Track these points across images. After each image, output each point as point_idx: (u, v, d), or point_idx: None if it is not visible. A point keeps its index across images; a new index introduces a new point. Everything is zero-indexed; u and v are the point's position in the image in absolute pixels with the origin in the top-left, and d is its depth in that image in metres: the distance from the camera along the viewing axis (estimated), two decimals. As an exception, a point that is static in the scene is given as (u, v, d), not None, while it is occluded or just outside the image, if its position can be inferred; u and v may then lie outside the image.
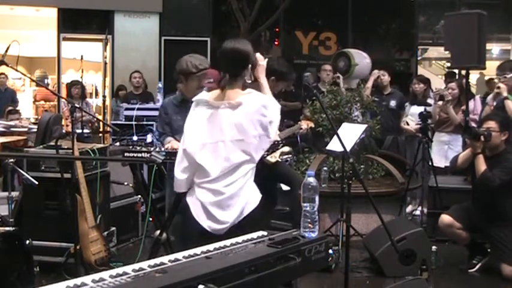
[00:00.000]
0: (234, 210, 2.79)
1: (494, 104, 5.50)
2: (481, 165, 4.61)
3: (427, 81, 7.27)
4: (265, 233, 2.38)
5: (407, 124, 6.89)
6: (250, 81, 2.94)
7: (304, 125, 5.14)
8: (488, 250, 4.84)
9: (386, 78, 7.28)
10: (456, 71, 8.12)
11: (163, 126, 4.11)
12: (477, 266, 4.79)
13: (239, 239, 2.28)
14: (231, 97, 2.82)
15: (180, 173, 2.90)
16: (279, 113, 2.89)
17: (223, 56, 2.89)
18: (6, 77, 10.59)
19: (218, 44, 11.45)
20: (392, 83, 7.54)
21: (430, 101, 6.92)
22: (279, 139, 3.99)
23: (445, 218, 4.84)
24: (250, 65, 2.90)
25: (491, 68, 6.76)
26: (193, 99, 2.98)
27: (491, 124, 4.64)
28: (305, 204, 2.35)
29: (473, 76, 12.63)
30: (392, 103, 7.18)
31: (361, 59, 7.89)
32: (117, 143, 6.28)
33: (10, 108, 7.62)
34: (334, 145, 4.86)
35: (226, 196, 2.79)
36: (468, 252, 4.90)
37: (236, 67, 2.86)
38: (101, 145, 5.48)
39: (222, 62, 2.91)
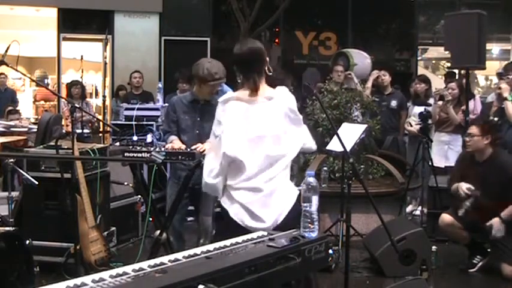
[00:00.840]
0: (277, 207, 2.81)
1: (502, 105, 5.50)
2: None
3: (428, 81, 7.28)
4: (265, 233, 2.38)
5: (410, 125, 6.89)
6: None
7: None
8: (488, 250, 4.84)
9: (387, 78, 7.28)
10: (456, 71, 8.12)
11: (170, 124, 4.10)
12: (477, 266, 4.80)
13: (239, 239, 2.28)
14: (261, 92, 2.89)
15: (213, 178, 2.87)
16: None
17: (245, 57, 2.92)
18: (6, 77, 10.59)
19: (218, 44, 11.47)
20: (393, 83, 7.54)
21: (431, 101, 6.93)
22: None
23: (446, 217, 4.84)
24: (267, 59, 2.97)
25: (491, 68, 6.76)
26: (219, 99, 2.97)
27: (473, 129, 4.68)
28: (305, 204, 2.34)
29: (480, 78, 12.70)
30: (393, 103, 7.18)
31: (362, 59, 7.90)
32: (117, 143, 6.28)
33: (10, 108, 7.62)
34: (334, 145, 4.86)
35: (266, 193, 2.80)
36: (468, 252, 4.90)
37: (259, 64, 2.92)
38: (101, 145, 5.48)
39: (244, 63, 2.93)
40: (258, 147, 2.82)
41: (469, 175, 4.73)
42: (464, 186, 4.64)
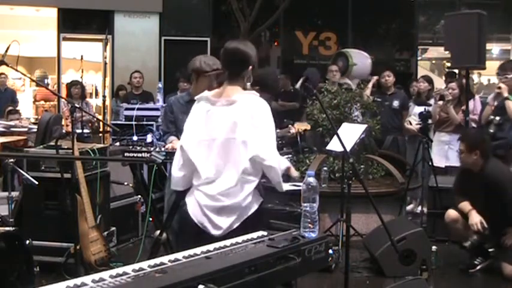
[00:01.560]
0: (232, 216, 2.76)
1: (495, 104, 5.50)
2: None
3: (431, 82, 7.29)
4: (265, 233, 2.38)
5: (410, 124, 6.89)
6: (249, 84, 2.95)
7: (293, 129, 5.22)
8: (489, 250, 4.83)
9: (391, 79, 7.28)
10: (456, 71, 8.11)
11: (168, 124, 4.10)
12: (477, 267, 4.78)
13: (239, 239, 2.28)
14: (230, 94, 2.83)
15: (177, 170, 2.90)
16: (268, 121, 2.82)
17: (225, 54, 2.92)
18: (7, 77, 10.59)
19: (218, 44, 11.45)
20: (395, 84, 7.55)
21: (432, 101, 6.93)
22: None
23: (452, 213, 4.84)
24: (250, 67, 2.89)
25: (491, 68, 6.76)
26: (195, 96, 2.99)
27: (461, 146, 4.73)
28: (305, 204, 2.34)
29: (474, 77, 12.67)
30: (395, 103, 7.17)
31: (362, 59, 7.90)
32: (117, 143, 6.28)
33: (10, 108, 7.62)
34: (334, 145, 4.86)
35: (224, 204, 2.76)
36: (470, 252, 4.88)
37: (236, 66, 2.88)
38: (101, 145, 5.48)
39: (223, 60, 2.94)
40: (212, 151, 2.79)
41: (470, 188, 4.73)
42: (478, 222, 4.57)
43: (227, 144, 2.77)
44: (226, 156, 2.77)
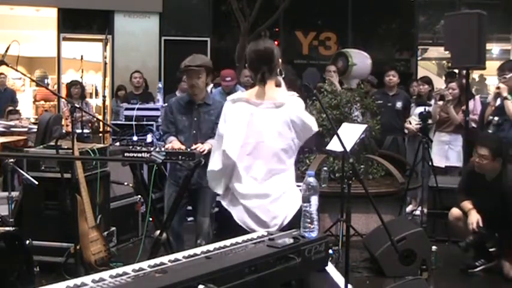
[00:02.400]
0: (282, 212, 2.79)
1: (497, 104, 5.50)
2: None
3: (431, 82, 7.28)
4: (265, 233, 2.38)
5: (410, 123, 6.89)
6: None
7: None
8: (491, 250, 4.82)
9: (395, 79, 7.25)
10: (456, 70, 8.12)
11: (168, 125, 4.13)
12: (478, 268, 4.78)
13: (239, 239, 2.28)
14: (272, 95, 2.84)
15: (216, 173, 2.87)
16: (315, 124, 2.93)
17: (256, 55, 2.90)
18: (6, 77, 10.59)
19: (218, 44, 11.47)
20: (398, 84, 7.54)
21: (433, 101, 6.93)
22: None
23: (455, 211, 4.84)
24: (279, 62, 2.93)
25: (491, 68, 6.76)
26: (228, 97, 2.96)
27: (484, 152, 4.54)
28: (305, 204, 2.34)
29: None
30: (399, 104, 7.16)
31: (362, 59, 7.89)
32: (117, 143, 6.28)
33: (10, 108, 7.62)
34: (334, 145, 4.86)
35: (271, 199, 2.78)
36: (473, 253, 4.87)
37: (270, 64, 2.88)
38: (101, 145, 5.48)
39: (254, 61, 2.91)
40: (258, 154, 2.79)
41: (476, 192, 4.69)
42: (474, 221, 4.56)
43: (274, 149, 2.79)
44: (272, 160, 2.80)
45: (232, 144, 2.80)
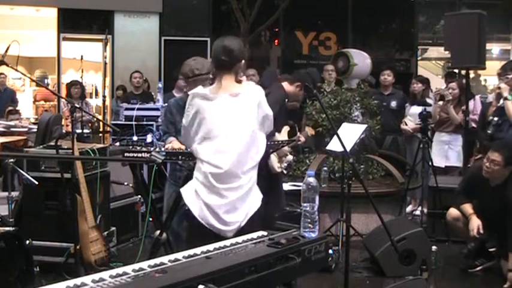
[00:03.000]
0: (242, 212, 2.79)
1: (499, 104, 5.49)
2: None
3: (426, 81, 7.28)
4: (265, 233, 2.38)
5: (406, 124, 6.89)
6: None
7: (302, 137, 5.20)
8: (490, 250, 4.83)
9: (390, 79, 7.25)
10: (456, 70, 8.12)
11: (168, 125, 4.13)
12: (478, 268, 4.78)
13: (239, 239, 2.28)
14: (229, 88, 2.86)
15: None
16: (270, 110, 2.94)
17: (216, 52, 2.95)
18: (6, 77, 10.58)
19: (218, 44, 11.46)
20: (394, 83, 7.54)
21: (429, 101, 6.93)
22: (280, 139, 4.02)
23: (453, 212, 4.83)
24: (243, 61, 2.95)
25: (491, 68, 6.76)
26: (188, 92, 3.00)
27: (497, 157, 4.45)
28: (305, 204, 2.35)
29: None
30: (393, 103, 7.16)
31: (362, 59, 7.88)
32: (117, 143, 6.27)
33: (10, 108, 7.61)
34: (334, 145, 4.86)
35: (232, 199, 2.78)
36: (473, 252, 4.88)
37: (227, 61, 2.90)
38: (101, 145, 5.48)
39: (214, 57, 2.96)
40: (220, 147, 2.80)
41: (477, 195, 4.67)
42: (475, 228, 4.53)
43: (236, 139, 2.79)
44: (235, 151, 2.79)
45: (190, 139, 2.89)
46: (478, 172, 4.66)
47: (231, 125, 2.81)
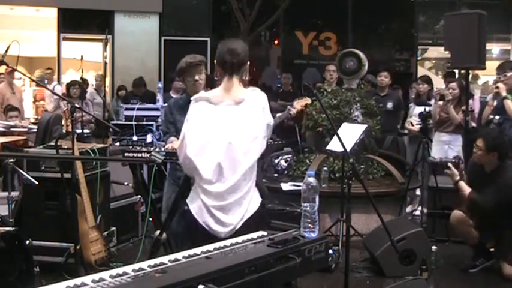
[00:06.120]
0: (239, 214, 2.78)
1: (495, 104, 5.50)
2: (465, 190, 4.67)
3: (430, 82, 7.28)
4: (265, 233, 2.38)
5: (412, 125, 6.89)
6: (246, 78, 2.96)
7: (293, 109, 4.92)
8: (491, 250, 4.83)
9: (387, 80, 7.27)
10: (456, 70, 8.12)
11: (168, 125, 4.12)
12: (478, 267, 4.78)
13: (239, 239, 2.28)
14: (234, 93, 2.83)
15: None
16: (272, 118, 2.93)
17: (222, 55, 2.89)
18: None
19: (218, 44, 11.47)
20: (393, 83, 7.55)
21: (432, 101, 6.93)
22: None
23: (457, 214, 4.83)
24: (248, 62, 2.92)
25: (491, 68, 6.76)
26: (192, 97, 2.95)
27: (479, 142, 4.64)
28: (305, 204, 2.34)
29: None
30: (389, 105, 7.17)
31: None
32: (117, 143, 6.27)
33: (8, 105, 7.58)
34: (334, 145, 4.86)
35: (229, 202, 2.77)
36: (472, 252, 4.88)
37: (234, 63, 2.86)
38: (101, 145, 5.48)
39: (220, 60, 2.90)
40: (221, 153, 2.76)
41: (476, 183, 4.71)
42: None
43: (237, 146, 2.76)
44: (234, 157, 2.77)
45: (193, 145, 2.80)
46: (475, 163, 4.84)
47: (233, 132, 2.77)
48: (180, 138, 2.95)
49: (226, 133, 2.78)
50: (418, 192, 6.68)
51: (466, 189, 4.68)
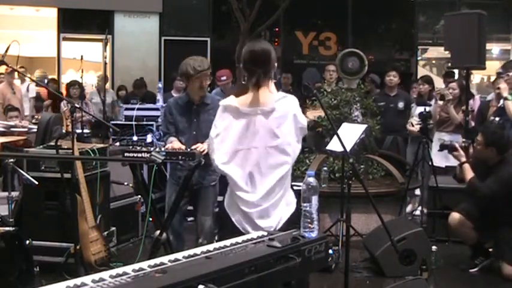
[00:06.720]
0: (275, 217, 2.79)
1: (500, 104, 5.49)
2: (468, 174, 4.69)
3: (431, 82, 7.28)
4: (265, 233, 2.38)
5: (412, 125, 6.89)
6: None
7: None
8: (490, 250, 4.83)
9: (396, 80, 7.26)
10: (455, 70, 8.12)
11: (168, 125, 4.11)
12: (478, 267, 4.79)
13: (239, 239, 2.28)
14: (263, 101, 2.77)
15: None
16: (305, 120, 2.89)
17: (253, 56, 2.82)
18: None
19: (218, 44, 11.48)
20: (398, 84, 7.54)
21: (433, 101, 6.93)
22: None
23: (456, 216, 4.83)
24: (275, 65, 2.87)
25: (491, 68, 6.77)
26: (220, 103, 2.90)
27: (479, 137, 4.70)
28: (305, 204, 2.34)
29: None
30: (400, 104, 7.15)
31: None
32: (117, 143, 6.27)
33: (9, 105, 7.58)
34: (334, 145, 4.86)
35: (265, 207, 2.78)
36: (471, 252, 4.89)
37: (266, 67, 2.81)
38: (101, 145, 5.48)
39: (251, 62, 2.82)
40: (252, 161, 2.76)
41: (478, 172, 4.73)
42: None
43: (269, 153, 2.76)
44: (269, 164, 2.76)
45: (221, 154, 2.78)
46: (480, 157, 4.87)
47: (263, 141, 2.75)
48: (209, 142, 2.93)
49: (256, 143, 2.76)
50: (417, 192, 6.68)
51: (469, 173, 4.70)
